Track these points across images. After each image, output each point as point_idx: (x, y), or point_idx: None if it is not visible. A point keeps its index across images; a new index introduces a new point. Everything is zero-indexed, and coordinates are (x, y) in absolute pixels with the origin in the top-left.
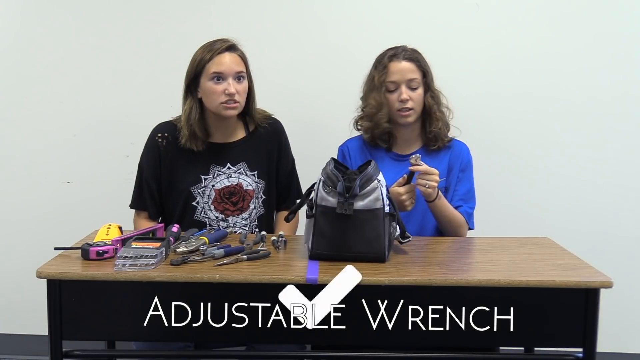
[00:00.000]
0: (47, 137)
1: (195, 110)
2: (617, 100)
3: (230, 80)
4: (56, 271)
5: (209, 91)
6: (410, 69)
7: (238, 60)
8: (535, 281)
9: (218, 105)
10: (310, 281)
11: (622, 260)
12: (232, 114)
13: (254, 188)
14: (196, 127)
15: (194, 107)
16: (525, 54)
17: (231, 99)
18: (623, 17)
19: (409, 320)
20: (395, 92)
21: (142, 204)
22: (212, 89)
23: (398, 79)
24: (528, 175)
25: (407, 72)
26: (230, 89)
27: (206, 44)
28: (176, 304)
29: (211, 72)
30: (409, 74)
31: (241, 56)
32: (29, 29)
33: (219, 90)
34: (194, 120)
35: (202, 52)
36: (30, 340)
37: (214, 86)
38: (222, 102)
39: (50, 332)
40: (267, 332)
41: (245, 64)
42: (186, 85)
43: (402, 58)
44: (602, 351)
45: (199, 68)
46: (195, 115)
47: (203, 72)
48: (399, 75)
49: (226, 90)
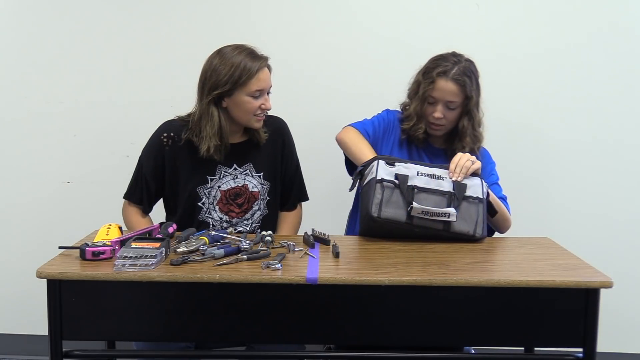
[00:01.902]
0: (47, 137)
1: (225, 121)
2: (617, 100)
3: (266, 95)
4: (56, 271)
5: (245, 105)
6: (454, 92)
7: (269, 74)
8: (535, 281)
9: (250, 118)
10: (310, 281)
11: (622, 260)
12: (261, 125)
13: (259, 190)
14: (227, 139)
15: (222, 118)
16: (525, 54)
17: (263, 112)
18: (623, 16)
19: (409, 320)
20: (433, 106)
21: (135, 196)
22: (249, 103)
23: (439, 96)
24: (528, 175)
25: (449, 94)
26: (267, 104)
27: (237, 58)
28: (176, 304)
29: (253, 90)
30: (451, 96)
31: (269, 68)
32: (29, 29)
33: (257, 105)
34: (227, 132)
35: (236, 67)
36: (30, 340)
37: (253, 101)
38: (255, 115)
39: (50, 332)
40: (267, 332)
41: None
42: (214, 95)
43: (451, 78)
44: (602, 351)
45: (239, 84)
46: (227, 127)
47: (242, 87)
48: (441, 94)
49: (262, 105)
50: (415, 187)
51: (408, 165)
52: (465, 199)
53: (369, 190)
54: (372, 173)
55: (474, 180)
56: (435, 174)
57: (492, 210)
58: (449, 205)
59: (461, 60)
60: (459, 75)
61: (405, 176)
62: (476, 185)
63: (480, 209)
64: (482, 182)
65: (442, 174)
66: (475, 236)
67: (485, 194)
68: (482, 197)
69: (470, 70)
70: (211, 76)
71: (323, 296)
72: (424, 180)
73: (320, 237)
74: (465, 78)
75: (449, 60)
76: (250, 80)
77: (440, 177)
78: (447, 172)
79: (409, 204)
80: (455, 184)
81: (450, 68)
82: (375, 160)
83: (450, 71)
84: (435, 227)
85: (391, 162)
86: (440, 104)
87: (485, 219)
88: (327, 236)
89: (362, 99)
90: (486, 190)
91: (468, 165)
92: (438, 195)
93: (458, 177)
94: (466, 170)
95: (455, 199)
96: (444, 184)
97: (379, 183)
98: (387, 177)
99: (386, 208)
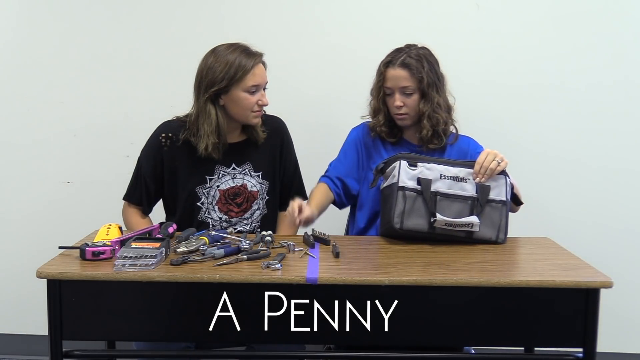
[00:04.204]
0: (47, 137)
1: (223, 119)
2: (617, 100)
3: (262, 91)
4: (56, 271)
5: (242, 101)
6: (403, 76)
7: (264, 70)
8: (535, 281)
9: (248, 115)
10: (310, 281)
11: (622, 261)
12: (259, 121)
13: (258, 189)
14: (225, 136)
15: (220, 116)
16: (525, 54)
17: (260, 108)
18: (624, 16)
19: (408, 320)
20: (392, 97)
21: (134, 197)
22: (246, 100)
23: (392, 85)
24: (528, 175)
25: (400, 79)
26: (264, 100)
27: (232, 55)
28: (176, 304)
29: (249, 85)
30: (402, 81)
31: (264, 64)
32: (29, 29)
33: (253, 101)
34: (224, 130)
35: (231, 64)
36: (30, 340)
37: (249, 97)
38: (253, 111)
39: (50, 332)
40: (267, 333)
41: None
42: (211, 93)
43: (397, 65)
44: (602, 351)
45: (234, 80)
46: (225, 125)
47: (239, 83)
48: (393, 82)
49: (259, 101)
50: (438, 194)
51: (431, 165)
52: (489, 203)
53: (391, 197)
54: (394, 177)
55: (498, 180)
56: (459, 175)
57: (518, 201)
58: (471, 212)
59: (411, 48)
60: (406, 60)
61: (428, 180)
62: (500, 185)
63: (504, 212)
64: (507, 179)
65: (465, 175)
66: (498, 241)
67: (510, 193)
68: (505, 199)
69: (422, 55)
70: (207, 74)
71: (323, 296)
72: (447, 184)
73: (320, 237)
74: (412, 61)
75: (400, 50)
76: (246, 76)
77: (464, 179)
78: (471, 171)
79: (431, 214)
80: (478, 186)
81: (398, 57)
82: (397, 160)
83: (397, 59)
84: (458, 235)
85: (413, 163)
86: (397, 92)
87: (507, 222)
88: (327, 236)
89: (362, 99)
90: (510, 189)
91: (493, 166)
92: (460, 201)
93: (482, 179)
94: (491, 172)
95: (478, 204)
96: (467, 187)
97: (400, 191)
98: (410, 184)
99: (408, 219)
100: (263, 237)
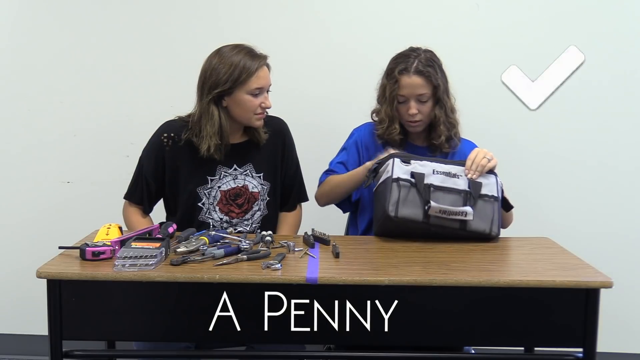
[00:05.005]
0: (47, 137)
1: (226, 120)
2: (617, 100)
3: (265, 94)
4: (56, 271)
5: (246, 103)
6: (419, 84)
7: (268, 72)
8: (535, 281)
9: (251, 117)
10: (310, 281)
11: (622, 260)
12: (261, 124)
13: (259, 190)
14: (227, 138)
15: (222, 117)
16: (525, 54)
17: (263, 111)
18: (624, 16)
19: (408, 320)
20: (405, 104)
21: (135, 196)
22: (250, 102)
23: (407, 93)
24: (528, 176)
25: (416, 87)
26: (267, 103)
27: (237, 57)
28: (176, 304)
29: (253, 88)
30: (419, 89)
31: (269, 67)
32: (29, 28)
33: (257, 104)
34: (227, 131)
35: (235, 66)
36: (30, 340)
37: (253, 99)
38: (256, 113)
39: (50, 332)
40: (268, 333)
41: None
42: (214, 95)
43: (413, 72)
44: (602, 351)
45: (238, 82)
46: (227, 126)
47: (242, 86)
48: (409, 90)
49: (262, 104)
50: (432, 186)
51: (424, 162)
52: (481, 198)
53: (385, 189)
54: (388, 172)
55: (489, 178)
56: (451, 171)
57: (507, 206)
58: (464, 204)
59: (420, 52)
60: (421, 67)
61: (422, 174)
62: (491, 183)
63: (496, 207)
64: (497, 179)
65: (457, 171)
66: (492, 234)
67: (500, 192)
68: (497, 195)
69: (431, 60)
70: (211, 75)
71: (323, 296)
72: (439, 179)
73: (320, 237)
74: (427, 68)
75: (409, 56)
76: (250, 79)
77: (456, 175)
78: (463, 169)
79: (426, 202)
80: (470, 182)
81: (411, 63)
82: (390, 158)
83: (411, 66)
84: (452, 226)
85: (407, 160)
86: (412, 100)
87: (500, 217)
88: (327, 236)
89: (362, 99)
90: (501, 188)
91: (484, 163)
92: (454, 194)
93: (474, 175)
94: (482, 169)
95: (471, 197)
96: (460, 182)
97: (395, 182)
98: (403, 176)
99: (403, 207)
100: (263, 237)
